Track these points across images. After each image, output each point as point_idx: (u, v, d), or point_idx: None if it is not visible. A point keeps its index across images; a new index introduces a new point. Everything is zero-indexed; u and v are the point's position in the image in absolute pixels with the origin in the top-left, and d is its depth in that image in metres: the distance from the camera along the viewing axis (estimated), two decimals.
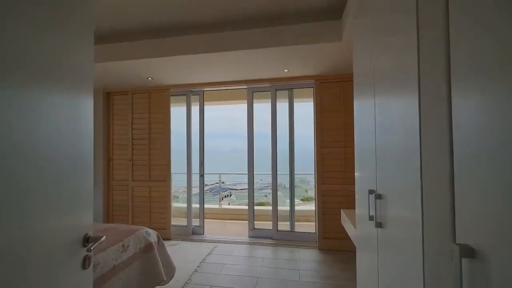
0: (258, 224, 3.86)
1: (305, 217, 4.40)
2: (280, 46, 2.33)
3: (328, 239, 3.12)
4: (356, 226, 1.56)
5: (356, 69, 1.40)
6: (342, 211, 2.32)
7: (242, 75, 3.17)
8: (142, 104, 3.73)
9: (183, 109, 3.78)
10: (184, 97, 3.78)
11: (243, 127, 3.66)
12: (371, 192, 1.12)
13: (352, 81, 3.02)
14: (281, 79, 3.31)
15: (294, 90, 3.57)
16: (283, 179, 3.83)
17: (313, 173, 3.48)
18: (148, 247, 2.07)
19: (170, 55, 2.53)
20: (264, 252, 3.08)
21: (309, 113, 3.66)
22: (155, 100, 3.70)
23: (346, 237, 2.98)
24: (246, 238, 3.55)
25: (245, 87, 3.59)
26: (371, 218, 1.09)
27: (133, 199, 3.73)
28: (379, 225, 1.03)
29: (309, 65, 2.86)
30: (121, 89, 3.78)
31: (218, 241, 3.46)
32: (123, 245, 1.86)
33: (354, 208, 2.91)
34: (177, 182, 5.21)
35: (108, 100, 3.90)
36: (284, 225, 3.56)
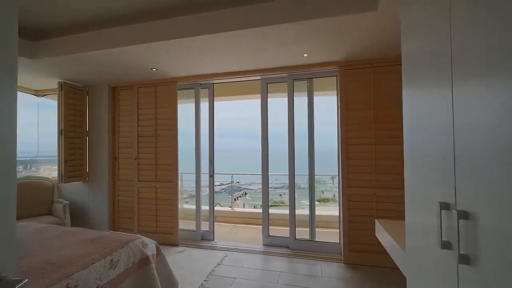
0: (273, 230, 3.48)
1: (326, 223, 3.96)
2: (298, 21, 1.92)
3: (355, 252, 2.67)
4: (406, 249, 1.14)
5: (408, 47, 0.98)
6: (377, 222, 1.89)
7: (254, 62, 2.80)
8: (148, 99, 3.47)
9: (191, 106, 3.48)
10: (193, 92, 3.47)
11: (258, 126, 3.30)
12: (445, 206, 0.74)
13: (386, 66, 2.55)
14: (299, 67, 2.90)
15: (314, 80, 3.15)
16: (299, 179, 3.43)
17: (337, 174, 3.05)
18: (144, 261, 1.75)
19: (166, 39, 2.21)
20: (280, 265, 2.69)
21: (330, 107, 3.23)
22: (162, 94, 3.42)
23: (379, 250, 2.53)
24: (260, 246, 3.18)
25: (259, 77, 3.21)
26: (445, 245, 0.71)
27: (139, 200, 3.48)
28: (465, 260, 0.64)
29: (332, 48, 2.43)
30: (126, 83, 3.55)
31: (229, 249, 3.12)
32: (111, 260, 1.56)
33: (394, 218, 2.42)
34: (186, 182, 4.96)
35: (114, 95, 3.68)
36: (302, 232, 3.15)
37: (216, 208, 4.60)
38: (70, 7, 2.15)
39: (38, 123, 4.16)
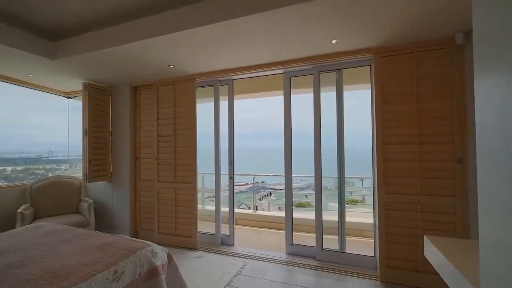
0: (298, 237, 3.19)
1: (357, 231, 3.57)
2: None
3: (394, 269, 2.29)
4: (481, 279, 0.81)
5: (485, 18, 0.65)
6: (427, 239, 1.52)
7: (276, 53, 2.54)
8: (167, 97, 3.38)
9: (210, 105, 3.31)
10: (211, 90, 3.31)
11: (277, 126, 3.02)
12: None
13: (434, 50, 2.12)
14: (327, 56, 2.57)
15: (344, 71, 2.80)
16: (325, 180, 3.10)
17: (369, 176, 2.68)
18: (152, 273, 1.60)
19: (178, 31, 2.05)
20: (306, 279, 2.40)
21: (360, 103, 2.86)
22: (180, 92, 3.31)
23: (426, 270, 2.12)
24: (283, 255, 2.91)
25: (281, 71, 2.95)
26: None
27: (159, 201, 3.41)
28: None
29: (367, 31, 2.08)
30: (146, 82, 3.50)
31: (250, 256, 2.90)
32: (115, 272, 1.41)
33: (444, 231, 2.03)
34: (207, 183, 4.86)
35: (135, 94, 3.67)
36: (330, 241, 2.82)
37: (237, 210, 4.43)
38: (83, 6, 2.08)
39: (68, 124, 4.32)
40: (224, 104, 3.32)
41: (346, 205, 2.93)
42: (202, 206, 4.65)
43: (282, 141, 2.96)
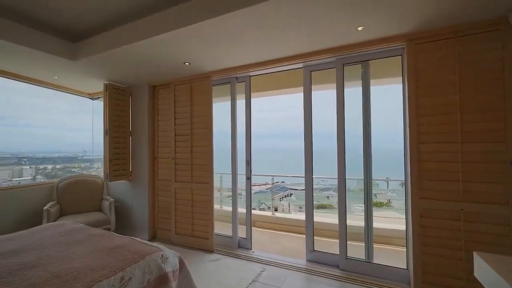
0: (320, 243, 2.98)
1: (385, 238, 3.27)
2: None
3: (432, 285, 2.01)
4: None
5: None
6: (477, 256, 1.27)
7: (296, 45, 2.35)
8: (184, 96, 3.34)
9: (227, 104, 3.21)
10: (228, 88, 3.20)
11: (296, 125, 2.85)
12: None
13: (480, 33, 1.82)
14: (352, 46, 2.34)
15: (371, 63, 2.54)
16: (348, 182, 2.86)
17: (395, 178, 2.40)
18: (161, 280, 1.50)
19: (186, 25, 1.95)
20: None
21: (389, 98, 2.59)
22: (197, 91, 3.24)
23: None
24: (303, 262, 2.72)
25: (301, 65, 2.75)
26: None
27: (176, 201, 3.38)
28: None
29: (399, 15, 1.83)
30: (164, 81, 3.49)
31: (268, 262, 2.74)
32: (122, 278, 1.34)
33: (494, 245, 1.73)
34: (226, 183, 4.77)
35: (154, 94, 3.68)
36: (355, 248, 2.57)
37: (255, 212, 4.30)
38: (100, 6, 2.07)
39: (93, 124, 4.47)
40: (241, 103, 3.20)
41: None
42: (219, 207, 4.57)
43: (301, 141, 2.77)
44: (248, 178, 3.12)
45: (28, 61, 2.76)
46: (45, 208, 3.11)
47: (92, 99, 4.39)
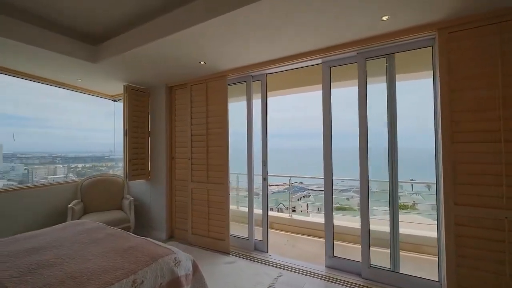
0: (340, 248, 2.83)
1: (411, 245, 3.03)
2: None
3: None
4: None
5: None
6: None
7: (314, 39, 2.23)
8: (200, 96, 3.32)
9: (242, 104, 3.14)
10: (243, 88, 3.13)
11: (313, 124, 2.72)
12: None
13: None
14: (375, 38, 2.17)
15: (397, 56, 2.35)
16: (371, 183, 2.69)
17: (432, 182, 2.21)
18: (174, 284, 1.46)
19: (200, 22, 1.89)
20: None
21: (417, 94, 2.37)
22: (212, 90, 3.21)
23: None
24: (322, 268, 2.58)
25: (320, 60, 2.62)
26: None
27: (192, 201, 3.38)
28: None
29: (429, 1, 1.65)
30: (180, 82, 3.50)
31: (285, 266, 2.64)
32: (134, 281, 1.31)
33: None
34: (242, 183, 4.72)
35: (171, 95, 3.71)
36: (379, 255, 2.40)
37: (272, 213, 4.20)
38: (118, 10, 2.09)
39: (115, 125, 4.61)
40: (256, 103, 3.12)
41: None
42: (236, 207, 4.54)
43: (319, 141, 2.63)
44: (265, 179, 3.04)
45: (55, 66, 2.88)
46: (69, 206, 3.23)
47: (114, 100, 4.53)
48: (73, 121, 4.56)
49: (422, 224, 3.55)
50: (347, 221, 3.76)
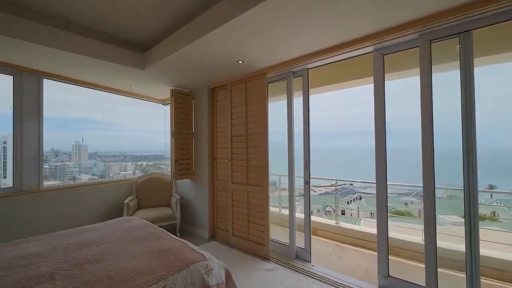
0: (396, 266, 2.41)
1: (494, 270, 2.41)
2: None
3: None
4: None
5: None
6: None
7: (365, 21, 1.92)
8: (239, 96, 3.27)
9: (282, 103, 2.97)
10: (283, 86, 2.95)
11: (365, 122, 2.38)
12: None
13: None
14: (442, 14, 1.75)
15: (475, 34, 1.87)
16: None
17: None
18: None
19: (239, 14, 1.78)
20: None
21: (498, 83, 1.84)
22: (251, 90, 3.12)
23: None
24: None
25: (371, 48, 2.27)
26: None
27: (233, 203, 3.35)
28: None
29: None
30: (221, 83, 3.52)
31: (329, 281, 2.38)
32: (164, 287, 1.28)
33: None
34: (283, 184, 4.52)
35: (212, 96, 3.76)
36: (449, 278, 1.95)
37: (316, 219, 3.90)
38: (160, 20, 2.16)
39: (165, 127, 4.95)
40: (298, 101, 2.91)
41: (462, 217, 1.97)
42: (278, 210, 4.38)
43: (369, 140, 2.29)
44: (307, 183, 2.81)
45: (113, 73, 3.18)
46: (125, 201, 3.55)
47: (164, 104, 4.86)
48: (136, 124, 5.11)
49: (507, 245, 2.82)
50: (404, 232, 3.24)
